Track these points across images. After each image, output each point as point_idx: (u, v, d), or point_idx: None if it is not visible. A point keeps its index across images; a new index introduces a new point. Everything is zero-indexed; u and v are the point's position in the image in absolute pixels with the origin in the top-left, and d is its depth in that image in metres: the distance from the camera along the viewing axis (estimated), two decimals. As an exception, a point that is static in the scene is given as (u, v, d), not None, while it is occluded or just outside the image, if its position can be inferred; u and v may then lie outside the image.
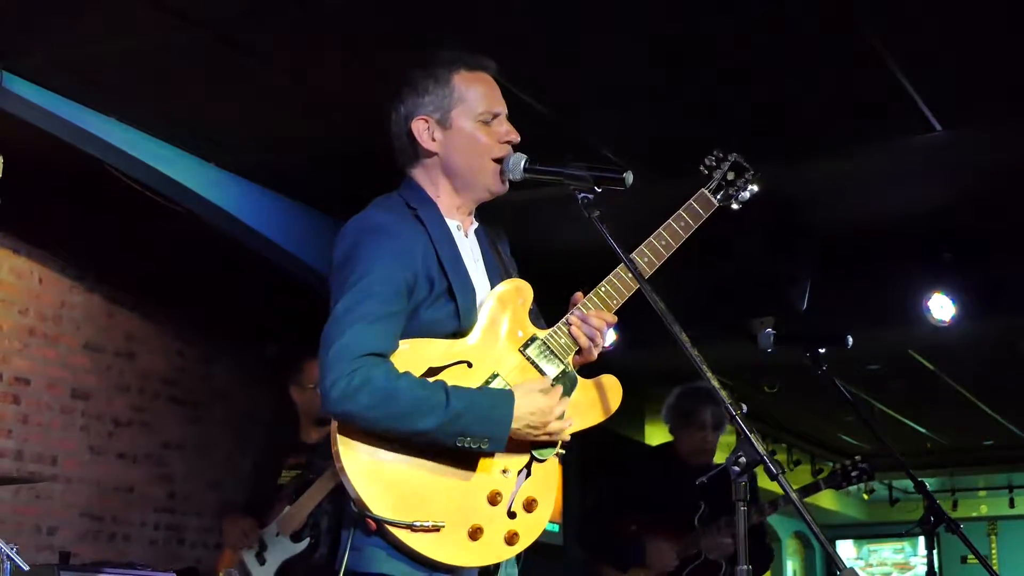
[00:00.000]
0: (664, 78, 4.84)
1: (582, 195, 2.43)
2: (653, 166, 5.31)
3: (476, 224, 2.56)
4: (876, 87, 4.83)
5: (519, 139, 2.54)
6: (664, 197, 2.69)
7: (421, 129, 2.49)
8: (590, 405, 2.49)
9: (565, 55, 4.64)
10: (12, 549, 3.76)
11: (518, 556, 2.42)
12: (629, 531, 4.85)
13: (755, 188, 2.64)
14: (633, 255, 2.50)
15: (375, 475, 2.23)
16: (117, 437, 6.51)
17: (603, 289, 2.51)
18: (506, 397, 2.31)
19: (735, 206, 2.65)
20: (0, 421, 5.88)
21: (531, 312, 2.50)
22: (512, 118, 2.59)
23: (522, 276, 2.56)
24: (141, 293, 6.72)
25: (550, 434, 2.37)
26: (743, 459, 2.12)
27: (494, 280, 2.49)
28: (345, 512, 2.30)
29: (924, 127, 5.20)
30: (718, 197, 2.63)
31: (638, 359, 7.51)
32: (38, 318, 6.15)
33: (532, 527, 2.36)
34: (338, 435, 2.23)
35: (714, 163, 2.64)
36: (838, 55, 4.60)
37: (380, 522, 2.21)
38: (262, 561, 4.51)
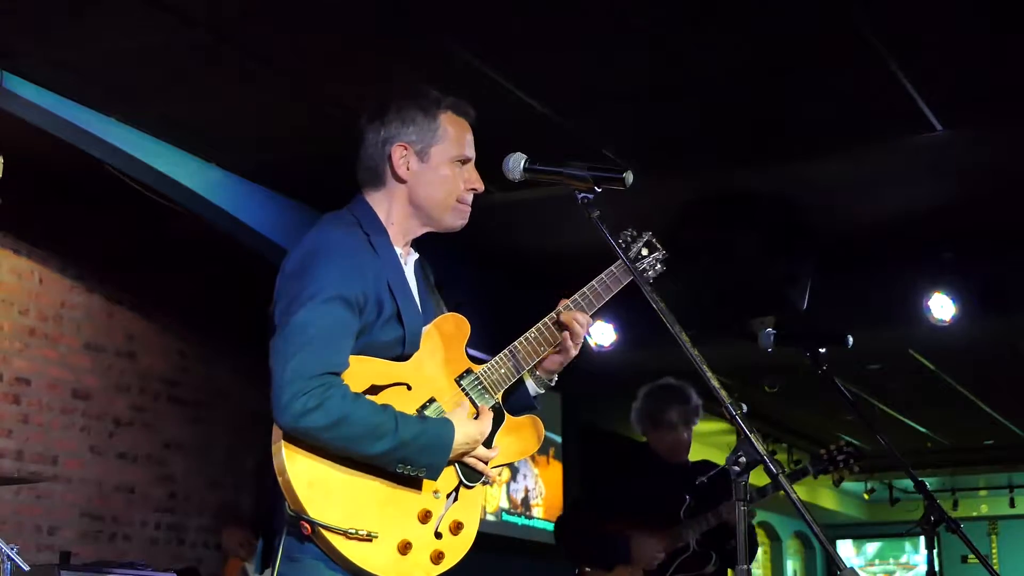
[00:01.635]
0: (664, 78, 4.84)
1: (582, 195, 2.44)
2: (653, 166, 5.31)
3: (415, 255, 2.61)
4: (876, 87, 4.83)
5: (483, 189, 2.59)
6: (664, 197, 2.70)
7: (399, 156, 2.52)
8: (513, 442, 2.57)
9: (565, 55, 4.64)
10: (13, 549, 3.75)
11: None
12: (611, 529, 4.79)
13: (661, 268, 2.74)
14: (566, 303, 2.60)
15: (315, 481, 2.28)
16: (118, 437, 6.51)
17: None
18: (447, 429, 2.38)
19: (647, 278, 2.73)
20: (0, 421, 5.88)
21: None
22: (512, 118, 2.60)
23: (521, 276, 2.58)
24: (141, 293, 6.72)
25: (477, 457, 2.45)
26: (743, 459, 2.12)
27: (427, 311, 2.54)
28: (278, 513, 2.34)
29: (924, 127, 5.20)
30: (636, 266, 2.69)
31: (638, 359, 7.51)
32: (38, 318, 6.15)
33: (457, 549, 2.43)
34: (282, 440, 2.28)
35: (630, 238, 2.73)
36: (838, 55, 4.60)
37: (316, 526, 2.25)
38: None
